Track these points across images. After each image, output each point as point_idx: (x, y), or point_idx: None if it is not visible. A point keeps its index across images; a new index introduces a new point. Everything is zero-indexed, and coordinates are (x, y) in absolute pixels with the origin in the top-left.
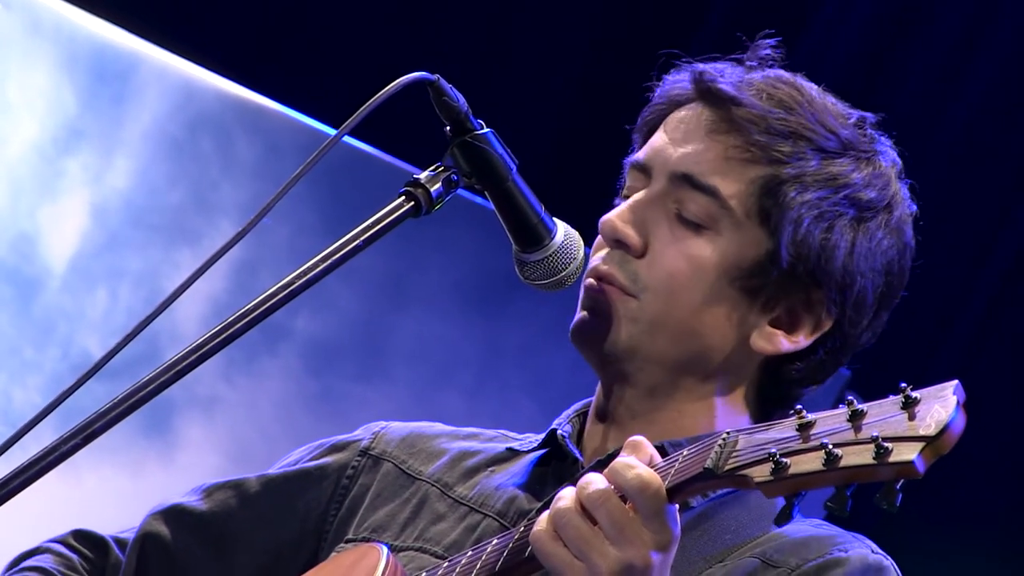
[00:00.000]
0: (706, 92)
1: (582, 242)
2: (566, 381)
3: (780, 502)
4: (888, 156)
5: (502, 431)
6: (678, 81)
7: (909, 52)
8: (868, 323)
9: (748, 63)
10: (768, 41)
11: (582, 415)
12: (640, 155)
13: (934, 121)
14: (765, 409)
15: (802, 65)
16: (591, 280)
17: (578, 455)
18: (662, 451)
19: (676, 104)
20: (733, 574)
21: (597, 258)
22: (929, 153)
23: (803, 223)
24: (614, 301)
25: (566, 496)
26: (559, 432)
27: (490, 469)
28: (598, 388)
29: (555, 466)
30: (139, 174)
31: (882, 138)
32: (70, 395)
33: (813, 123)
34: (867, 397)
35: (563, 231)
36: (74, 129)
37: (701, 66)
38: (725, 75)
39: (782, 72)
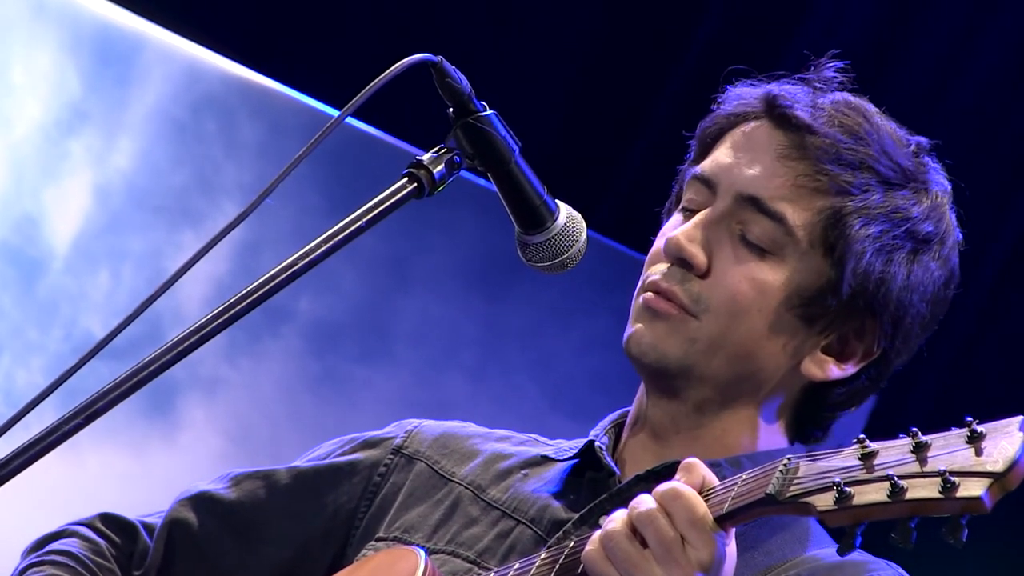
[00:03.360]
0: (781, 117)
1: (584, 224)
2: (568, 363)
3: (815, 527)
4: (940, 184)
5: (533, 436)
6: (743, 96)
7: (908, 45)
8: (910, 350)
9: (815, 84)
10: (833, 63)
11: (618, 426)
12: (704, 168)
13: (931, 115)
14: (802, 430)
15: (801, 55)
16: (650, 294)
17: (615, 468)
18: None
19: (741, 119)
20: None
21: (656, 273)
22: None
23: (865, 255)
24: (674, 318)
25: (616, 518)
26: (597, 444)
27: (523, 472)
28: (638, 399)
29: (590, 477)
30: (143, 155)
31: (934, 164)
32: (72, 375)
33: (879, 154)
34: (877, 402)
35: (565, 213)
36: (78, 110)
37: (774, 88)
38: (797, 99)
39: (849, 96)
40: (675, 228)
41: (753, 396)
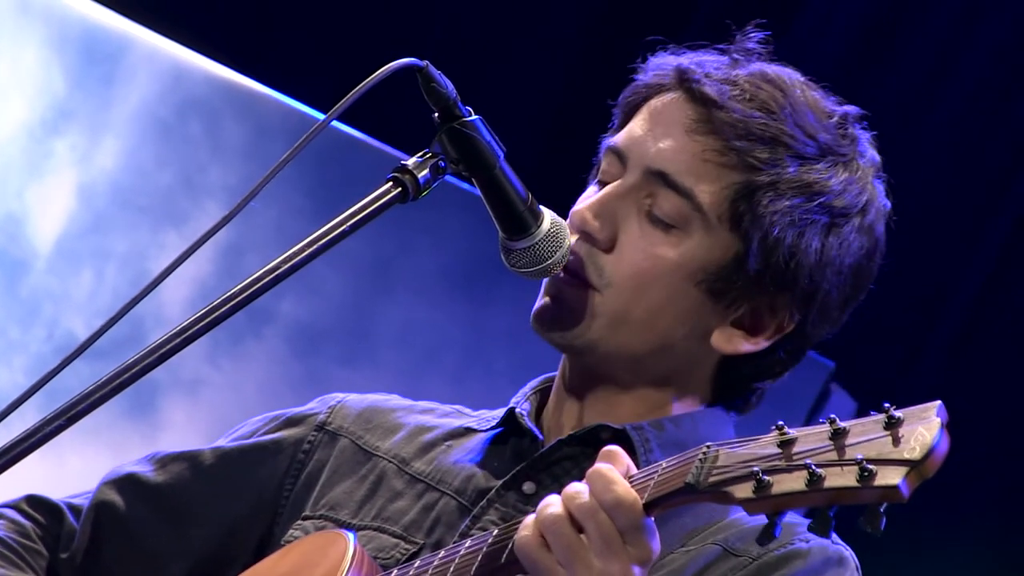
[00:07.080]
0: (689, 91)
1: (568, 230)
2: (551, 367)
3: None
4: (866, 156)
5: (457, 407)
6: (662, 67)
7: (903, 36)
8: (830, 323)
9: (734, 55)
10: (756, 34)
11: (540, 391)
12: (617, 140)
13: (925, 107)
14: (721, 399)
15: (795, 45)
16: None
17: (537, 433)
18: (624, 436)
19: (656, 90)
20: (695, 561)
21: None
22: (922, 139)
23: (773, 230)
24: (578, 293)
25: (554, 503)
26: (517, 410)
27: (447, 444)
28: (562, 363)
29: (513, 443)
30: (127, 156)
31: (862, 134)
32: (55, 376)
33: (792, 128)
34: (851, 388)
35: (549, 219)
36: (63, 110)
37: (686, 61)
38: (710, 71)
39: (768, 69)
40: (585, 200)
41: (665, 368)
